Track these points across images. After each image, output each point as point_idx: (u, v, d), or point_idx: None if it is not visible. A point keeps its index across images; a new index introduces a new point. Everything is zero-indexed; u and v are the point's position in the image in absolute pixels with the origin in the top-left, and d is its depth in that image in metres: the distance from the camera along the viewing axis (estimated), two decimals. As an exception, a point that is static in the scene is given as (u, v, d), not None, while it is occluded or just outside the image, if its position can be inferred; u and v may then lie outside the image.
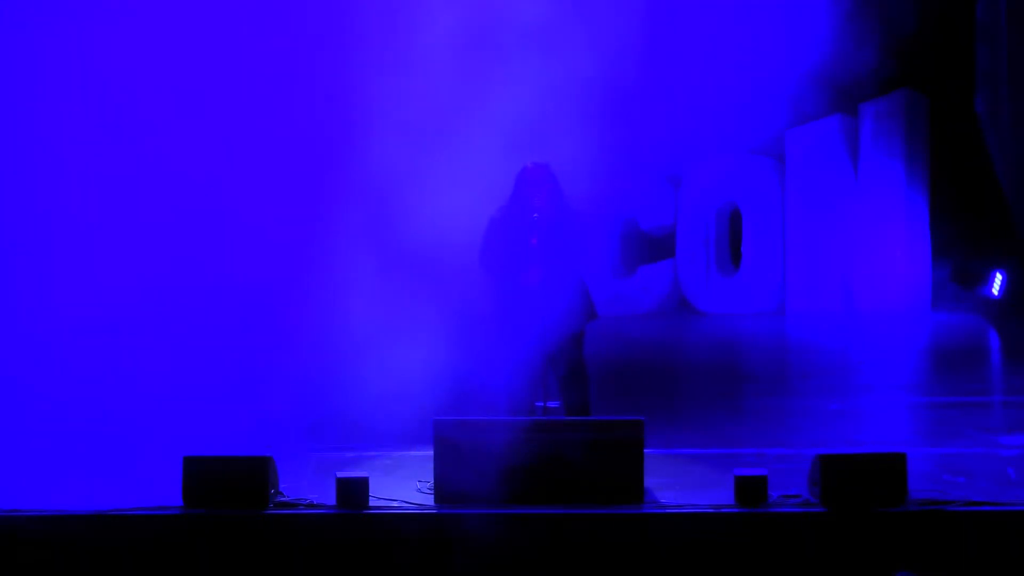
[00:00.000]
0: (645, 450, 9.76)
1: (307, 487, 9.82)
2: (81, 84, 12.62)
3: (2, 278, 12.44)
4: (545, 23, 11.80)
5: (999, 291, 15.68)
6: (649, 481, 9.78)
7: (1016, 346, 14.91)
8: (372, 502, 9.58)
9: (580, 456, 9.69)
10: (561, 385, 10.64)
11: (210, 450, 9.72)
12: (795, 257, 15.52)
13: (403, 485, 9.96)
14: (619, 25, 12.42)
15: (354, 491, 9.55)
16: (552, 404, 10.60)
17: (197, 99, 12.55)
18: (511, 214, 10.58)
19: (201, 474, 9.57)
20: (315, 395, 10.88)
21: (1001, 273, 15.70)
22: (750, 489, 9.59)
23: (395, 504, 9.65)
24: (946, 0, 13.91)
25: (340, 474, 9.65)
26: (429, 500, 9.72)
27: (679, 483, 10.12)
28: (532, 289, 10.47)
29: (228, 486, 9.54)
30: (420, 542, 9.40)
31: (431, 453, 9.74)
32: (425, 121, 11.85)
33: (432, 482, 9.75)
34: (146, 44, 12.59)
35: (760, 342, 14.37)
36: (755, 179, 15.29)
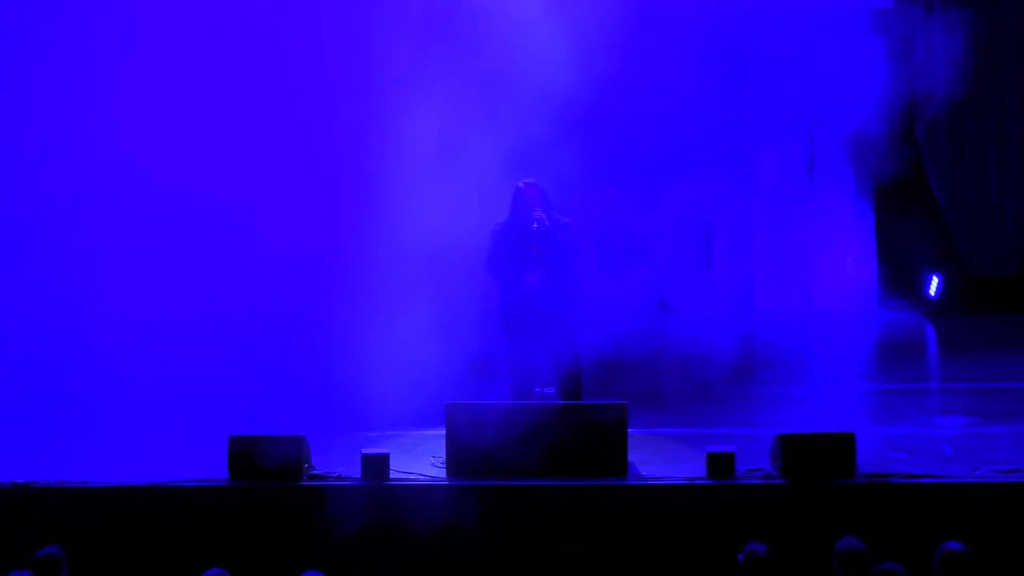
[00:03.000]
0: (629, 430, 9.80)
1: (336, 462, 9.84)
2: (131, 91, 12.45)
3: (71, 272, 12.31)
4: (539, 49, 11.74)
5: (936, 292, 15.60)
6: (632, 457, 9.84)
7: (950, 340, 14.81)
8: (392, 475, 9.65)
9: (572, 435, 9.72)
10: (556, 372, 10.53)
11: (251, 430, 9.73)
12: (760, 262, 15.45)
13: (420, 460, 9.99)
14: (609, 59, 12.25)
15: (377, 465, 9.60)
16: (549, 390, 10.53)
17: (245, 112, 12.41)
18: (511, 226, 10.54)
19: (244, 451, 9.58)
20: (343, 382, 10.75)
21: (937, 276, 15.62)
22: (720, 464, 9.64)
23: (412, 477, 9.70)
24: (890, 39, 13.95)
25: (365, 451, 9.69)
26: (442, 473, 9.76)
27: (658, 459, 10.14)
28: (532, 290, 10.45)
29: (267, 461, 9.55)
30: (434, 509, 9.46)
31: (444, 433, 9.79)
32: (435, 135, 11.77)
33: (445, 458, 9.80)
34: (183, 60, 12.43)
35: (729, 336, 14.00)
36: (726, 194, 15.23)
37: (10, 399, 11.16)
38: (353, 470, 9.67)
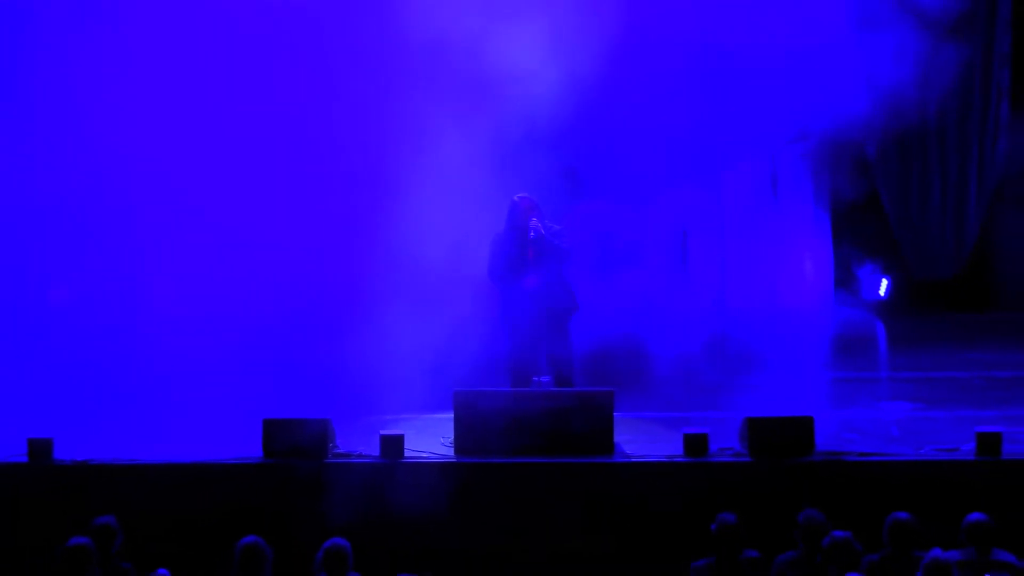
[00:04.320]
0: (615, 414, 10.00)
1: (357, 442, 10.01)
2: (155, 94, 12.38)
3: (127, 274, 12.35)
4: (527, 68, 11.76)
5: (885, 293, 15.85)
6: (618, 437, 10.01)
7: (897, 335, 14.93)
8: (407, 453, 9.86)
9: (565, 419, 9.94)
10: (551, 363, 10.71)
11: (282, 414, 9.93)
12: (731, 266, 15.71)
13: (430, 441, 10.16)
14: (592, 78, 12.34)
15: (393, 445, 9.86)
16: (545, 379, 10.71)
17: (282, 119, 12.37)
18: (510, 235, 10.73)
19: (276, 432, 9.83)
20: (364, 372, 10.89)
21: (886, 279, 15.89)
22: (695, 443, 9.87)
23: (424, 455, 9.93)
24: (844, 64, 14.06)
25: (382, 432, 9.92)
26: (450, 452, 9.98)
27: (641, 439, 10.28)
28: (530, 291, 10.61)
29: (297, 441, 9.80)
30: (443, 484, 9.69)
31: (452, 416, 10.03)
32: (443, 154, 11.88)
33: (452, 438, 10.04)
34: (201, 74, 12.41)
35: (705, 331, 14.14)
36: (700, 204, 15.42)
37: (72, 388, 11.31)
38: (372, 449, 9.89)
